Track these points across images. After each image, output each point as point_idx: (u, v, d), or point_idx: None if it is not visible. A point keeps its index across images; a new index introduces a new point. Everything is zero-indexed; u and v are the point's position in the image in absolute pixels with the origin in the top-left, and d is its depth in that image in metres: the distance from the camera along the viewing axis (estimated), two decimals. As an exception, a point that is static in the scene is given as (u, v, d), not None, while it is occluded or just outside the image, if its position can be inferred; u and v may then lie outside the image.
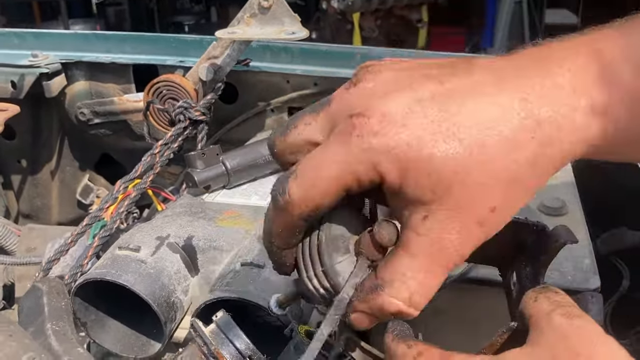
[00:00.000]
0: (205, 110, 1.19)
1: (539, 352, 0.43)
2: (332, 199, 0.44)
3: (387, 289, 0.44)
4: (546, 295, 0.47)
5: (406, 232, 0.44)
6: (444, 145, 0.41)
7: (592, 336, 0.43)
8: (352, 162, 0.42)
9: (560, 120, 0.42)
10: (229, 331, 0.49)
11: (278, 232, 0.47)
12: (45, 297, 0.85)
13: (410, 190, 0.42)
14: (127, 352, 0.88)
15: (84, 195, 1.60)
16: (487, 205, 0.42)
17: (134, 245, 0.86)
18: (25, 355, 0.55)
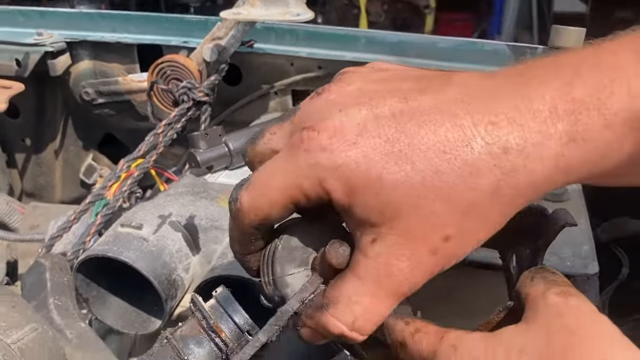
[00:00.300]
0: (209, 91, 1.19)
1: (534, 329, 0.44)
2: (280, 211, 0.43)
3: (332, 309, 0.43)
4: (542, 275, 0.48)
5: (356, 253, 0.42)
6: (394, 167, 0.39)
7: (586, 315, 0.43)
8: (298, 175, 0.41)
9: (529, 148, 0.38)
10: (228, 306, 0.49)
11: (235, 239, 0.47)
12: (47, 273, 0.86)
13: (358, 210, 0.40)
14: (128, 329, 0.89)
15: (87, 174, 1.61)
16: (440, 234, 0.40)
17: (136, 223, 0.86)
18: (28, 325, 0.56)
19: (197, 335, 0.49)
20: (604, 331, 0.42)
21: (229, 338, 0.48)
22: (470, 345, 0.45)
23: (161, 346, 0.49)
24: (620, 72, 0.39)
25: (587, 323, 0.43)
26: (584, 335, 0.42)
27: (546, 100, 0.39)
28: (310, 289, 0.45)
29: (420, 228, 0.40)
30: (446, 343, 0.46)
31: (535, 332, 0.43)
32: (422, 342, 0.47)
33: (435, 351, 0.46)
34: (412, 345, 0.48)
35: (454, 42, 1.25)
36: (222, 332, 0.48)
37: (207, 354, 0.48)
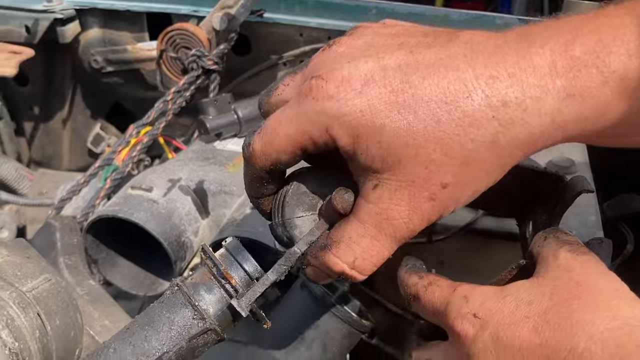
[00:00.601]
0: (218, 60, 1.19)
1: (542, 282, 0.44)
2: (288, 156, 0.45)
3: (334, 249, 0.45)
4: (555, 235, 0.48)
5: (358, 198, 0.45)
6: (397, 116, 0.41)
7: (594, 270, 0.44)
8: (306, 122, 0.43)
9: (527, 102, 0.40)
10: (238, 254, 0.50)
11: (249, 183, 0.49)
12: (58, 233, 0.87)
13: (362, 157, 0.42)
14: (136, 290, 0.90)
15: (95, 144, 1.61)
16: (438, 181, 0.42)
17: (147, 186, 0.87)
18: (42, 276, 0.57)
19: (208, 282, 0.49)
20: (611, 285, 0.43)
21: (239, 284, 0.48)
22: (482, 297, 0.46)
23: (172, 293, 0.50)
24: (619, 33, 0.40)
25: (594, 277, 0.43)
26: (591, 288, 0.43)
27: (546, 57, 0.40)
28: (317, 233, 0.47)
29: (419, 175, 0.41)
30: (458, 294, 0.47)
31: (543, 285, 0.44)
32: (435, 293, 0.49)
33: (448, 302, 0.47)
34: (425, 298, 0.49)
35: (465, 15, 1.25)
36: (232, 278, 0.48)
37: (217, 300, 0.49)
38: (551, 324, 0.42)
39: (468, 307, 0.45)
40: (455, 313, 0.46)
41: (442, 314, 0.47)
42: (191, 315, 0.48)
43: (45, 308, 0.56)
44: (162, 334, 0.49)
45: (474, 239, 0.82)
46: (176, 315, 0.48)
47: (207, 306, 0.48)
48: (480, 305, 0.45)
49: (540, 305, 0.43)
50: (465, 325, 0.45)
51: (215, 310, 0.48)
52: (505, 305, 0.44)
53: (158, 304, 0.49)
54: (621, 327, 0.40)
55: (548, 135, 0.41)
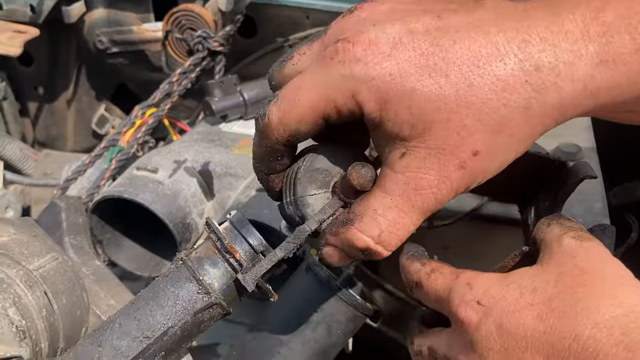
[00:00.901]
0: (224, 41, 1.18)
1: (547, 269, 0.44)
2: (309, 126, 0.43)
3: (357, 223, 0.43)
4: (559, 222, 0.48)
5: (383, 169, 0.43)
6: (428, 80, 0.39)
7: (599, 256, 0.44)
8: (331, 88, 0.41)
9: (560, 67, 0.39)
10: (242, 228, 0.49)
11: (261, 157, 0.46)
12: (63, 213, 0.88)
13: (389, 124, 0.40)
14: (141, 271, 0.90)
15: (99, 125, 1.61)
16: (469, 149, 0.40)
17: (152, 167, 0.87)
18: (49, 254, 0.57)
19: (212, 256, 0.49)
20: (616, 272, 0.43)
21: (243, 258, 0.48)
22: (485, 284, 0.45)
23: (176, 267, 0.50)
24: None
25: (599, 264, 0.43)
26: (596, 275, 0.42)
27: (578, 23, 0.39)
28: (329, 211, 0.45)
29: (450, 142, 0.40)
30: (461, 281, 0.47)
31: (548, 272, 0.44)
32: (438, 280, 0.48)
33: (451, 289, 0.47)
34: (427, 285, 0.49)
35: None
36: (236, 252, 0.48)
37: (221, 274, 0.48)
38: (556, 311, 0.41)
39: (471, 294, 0.45)
40: (459, 300, 0.45)
41: (445, 301, 0.47)
42: (196, 289, 0.48)
43: (52, 287, 0.56)
44: (167, 309, 0.48)
45: (478, 224, 0.81)
46: (181, 289, 0.48)
47: (212, 280, 0.48)
48: (484, 292, 0.45)
49: (544, 292, 0.43)
50: (469, 313, 0.44)
51: (220, 284, 0.48)
52: (509, 293, 0.44)
53: (162, 279, 0.49)
54: (627, 314, 0.40)
55: (579, 102, 0.40)
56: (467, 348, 0.45)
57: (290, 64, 0.46)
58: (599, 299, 0.41)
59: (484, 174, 0.42)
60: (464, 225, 0.82)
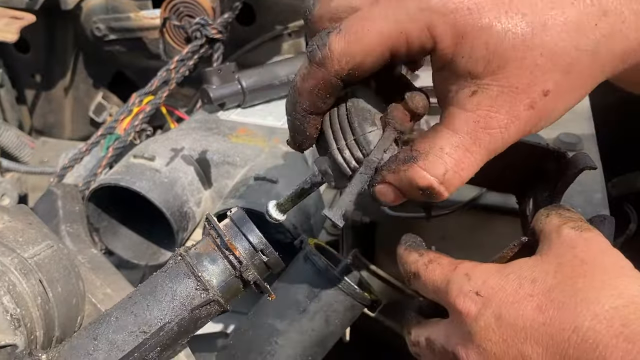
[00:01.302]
0: (222, 29, 1.17)
1: (547, 260, 0.44)
2: (375, 59, 0.41)
3: (422, 161, 0.42)
4: (558, 212, 0.48)
5: (451, 108, 0.42)
6: (505, 17, 0.39)
7: (598, 247, 0.43)
8: (405, 20, 0.40)
9: (626, 13, 0.40)
10: (243, 225, 0.49)
11: (309, 91, 0.43)
12: (60, 201, 0.87)
13: (462, 60, 0.40)
14: (138, 259, 0.90)
15: (97, 113, 1.60)
16: (541, 88, 0.40)
17: (149, 155, 0.86)
18: (44, 242, 0.56)
19: (211, 252, 0.49)
20: (616, 263, 0.43)
21: (243, 255, 0.48)
22: (484, 275, 0.45)
23: (175, 263, 0.50)
24: None
25: (599, 255, 0.43)
26: (596, 266, 0.42)
27: None
28: (388, 143, 0.44)
29: (523, 80, 0.40)
30: (460, 272, 0.46)
31: (547, 263, 0.43)
32: (436, 271, 0.48)
33: (449, 280, 0.47)
34: (425, 275, 0.49)
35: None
36: (236, 249, 0.48)
37: (221, 271, 0.48)
38: (555, 302, 0.41)
39: (470, 285, 0.45)
40: (457, 291, 0.45)
41: (443, 292, 0.47)
42: (194, 285, 0.48)
43: (47, 275, 0.55)
44: (164, 304, 0.48)
45: (477, 214, 0.81)
46: (179, 285, 0.48)
47: (211, 277, 0.48)
48: (483, 283, 0.44)
49: (544, 283, 0.42)
50: (467, 303, 0.44)
51: (219, 281, 0.48)
52: (508, 283, 0.44)
53: (161, 274, 0.49)
54: (627, 305, 0.40)
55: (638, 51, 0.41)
56: (466, 339, 0.45)
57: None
58: (599, 290, 0.41)
59: (550, 115, 0.42)
60: (462, 215, 0.81)
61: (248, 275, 0.47)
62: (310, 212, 0.83)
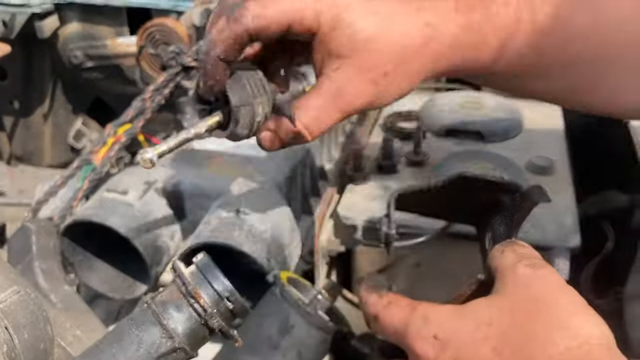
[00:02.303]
0: (198, 57, 1.17)
1: (502, 300, 0.45)
2: (276, 27, 0.54)
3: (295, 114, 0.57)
4: (513, 248, 0.49)
5: (320, 77, 0.57)
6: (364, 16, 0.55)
7: (553, 285, 0.44)
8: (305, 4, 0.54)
9: (440, 25, 0.56)
10: (209, 272, 0.50)
11: (224, 41, 0.54)
12: (34, 237, 0.87)
13: (333, 44, 0.55)
14: (113, 293, 0.89)
15: (76, 139, 1.60)
16: (382, 70, 0.56)
17: (122, 189, 0.86)
18: (10, 288, 0.56)
19: (177, 300, 0.49)
20: (569, 301, 0.43)
21: (208, 304, 0.48)
22: (441, 318, 0.46)
23: (141, 310, 0.50)
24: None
25: (552, 293, 0.44)
26: (549, 304, 0.43)
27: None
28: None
29: (371, 63, 0.56)
30: (418, 315, 0.47)
31: (503, 303, 0.44)
32: (395, 314, 0.49)
33: (408, 322, 0.47)
34: (385, 318, 0.50)
35: None
36: (200, 297, 0.48)
37: (186, 319, 0.49)
38: (511, 344, 0.42)
39: (428, 329, 0.45)
40: (415, 334, 0.46)
41: (402, 335, 0.47)
42: (160, 334, 0.48)
43: (13, 321, 0.55)
44: (129, 353, 0.49)
45: (450, 241, 0.82)
46: (145, 333, 0.48)
47: (176, 325, 0.48)
48: (440, 326, 0.45)
49: (499, 324, 0.43)
50: (425, 347, 0.45)
51: (184, 328, 0.48)
52: (465, 326, 0.44)
53: (128, 321, 0.49)
54: (580, 346, 0.41)
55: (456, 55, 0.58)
56: None
57: None
58: (554, 330, 0.41)
59: (388, 91, 0.58)
60: (436, 242, 0.82)
61: (213, 323, 0.48)
62: (285, 242, 0.84)
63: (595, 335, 0.41)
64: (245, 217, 0.81)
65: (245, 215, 0.81)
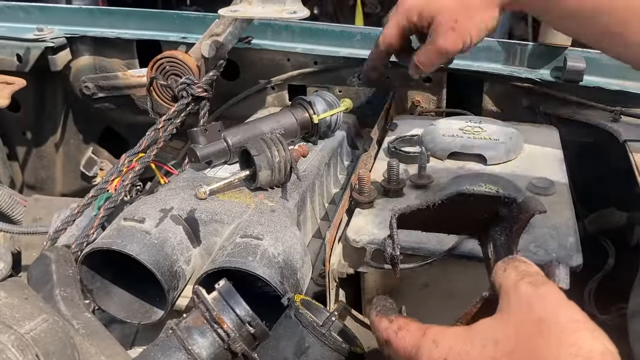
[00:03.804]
0: (207, 87, 1.21)
1: (506, 319, 0.47)
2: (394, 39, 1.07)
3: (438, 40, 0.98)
4: (514, 265, 0.51)
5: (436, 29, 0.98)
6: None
7: (554, 302, 0.47)
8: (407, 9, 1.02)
9: None
10: (231, 298, 0.52)
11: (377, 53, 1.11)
12: (53, 265, 0.89)
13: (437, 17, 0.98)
14: (130, 319, 0.92)
15: (87, 167, 1.64)
16: (453, 18, 0.95)
17: (139, 217, 0.89)
18: (40, 316, 0.59)
19: (201, 326, 0.52)
20: (571, 317, 0.46)
21: (231, 328, 0.51)
22: (451, 340, 0.49)
23: (166, 336, 0.53)
24: None
25: (555, 310, 0.46)
26: (553, 322, 0.45)
27: None
28: None
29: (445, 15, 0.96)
30: (428, 339, 0.50)
31: (507, 323, 0.47)
32: (406, 338, 0.52)
33: (419, 347, 0.50)
34: (396, 342, 0.53)
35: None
36: (224, 323, 0.51)
37: (210, 344, 0.51)
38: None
39: (438, 352, 0.48)
40: (426, 358, 0.49)
41: (414, 359, 0.50)
42: (185, 358, 0.51)
43: (43, 348, 0.58)
44: (156, 378, 0.51)
45: (457, 262, 0.84)
46: (170, 358, 0.51)
47: (200, 350, 0.51)
48: (449, 349, 0.48)
49: (506, 345, 0.46)
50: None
51: (209, 353, 0.51)
52: (473, 348, 0.47)
53: (153, 347, 0.52)
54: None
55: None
56: None
57: None
58: (558, 348, 0.44)
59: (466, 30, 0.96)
60: (443, 264, 0.85)
61: (236, 347, 0.51)
62: (297, 266, 0.87)
63: (598, 349, 0.43)
64: (258, 243, 0.84)
65: (258, 240, 0.84)
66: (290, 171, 0.96)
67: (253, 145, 0.95)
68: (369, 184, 0.96)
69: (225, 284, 0.54)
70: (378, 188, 0.99)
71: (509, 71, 1.27)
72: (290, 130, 1.14)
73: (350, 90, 1.36)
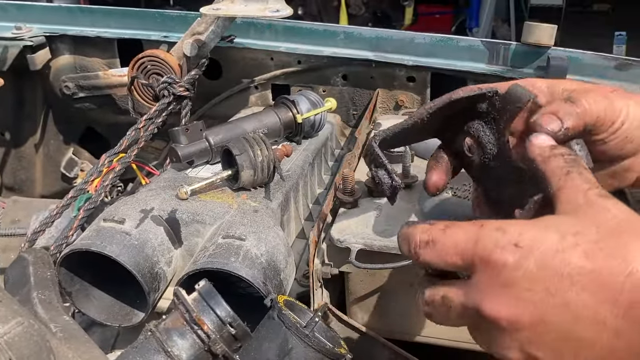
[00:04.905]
0: (189, 86, 1.20)
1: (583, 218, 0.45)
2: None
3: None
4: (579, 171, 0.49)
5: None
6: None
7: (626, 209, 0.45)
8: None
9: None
10: (211, 299, 0.51)
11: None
12: (31, 267, 0.87)
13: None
14: (111, 321, 0.90)
15: (68, 168, 1.61)
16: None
17: (119, 218, 0.88)
18: (14, 320, 0.57)
19: (180, 327, 0.51)
20: None
21: (211, 330, 0.50)
22: (520, 228, 0.45)
23: (145, 338, 0.52)
24: None
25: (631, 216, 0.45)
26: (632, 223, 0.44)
27: None
28: None
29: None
30: (490, 228, 0.46)
31: (586, 221, 0.45)
32: (458, 233, 0.47)
33: (478, 237, 0.46)
34: (444, 239, 0.48)
35: (429, 38, 1.28)
36: (204, 324, 0.50)
37: (190, 346, 0.50)
38: (604, 251, 0.42)
39: (506, 238, 0.45)
40: (492, 245, 0.45)
41: (471, 251, 0.46)
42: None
43: (17, 352, 0.56)
44: (135, 380, 0.50)
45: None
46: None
47: (180, 352, 0.49)
48: (520, 235, 0.45)
49: (588, 235, 0.43)
50: (505, 255, 0.44)
51: (188, 355, 0.50)
52: (548, 235, 0.44)
53: (132, 350, 0.51)
54: None
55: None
56: (496, 292, 0.45)
57: None
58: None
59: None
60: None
61: (217, 348, 0.50)
62: (280, 267, 0.85)
63: None
64: (241, 243, 0.83)
65: (241, 241, 0.83)
66: (274, 171, 0.95)
67: (235, 144, 0.93)
68: (353, 183, 0.95)
69: (205, 284, 0.52)
70: (362, 188, 0.98)
71: (492, 70, 1.27)
72: (273, 129, 1.13)
73: (334, 89, 1.35)
